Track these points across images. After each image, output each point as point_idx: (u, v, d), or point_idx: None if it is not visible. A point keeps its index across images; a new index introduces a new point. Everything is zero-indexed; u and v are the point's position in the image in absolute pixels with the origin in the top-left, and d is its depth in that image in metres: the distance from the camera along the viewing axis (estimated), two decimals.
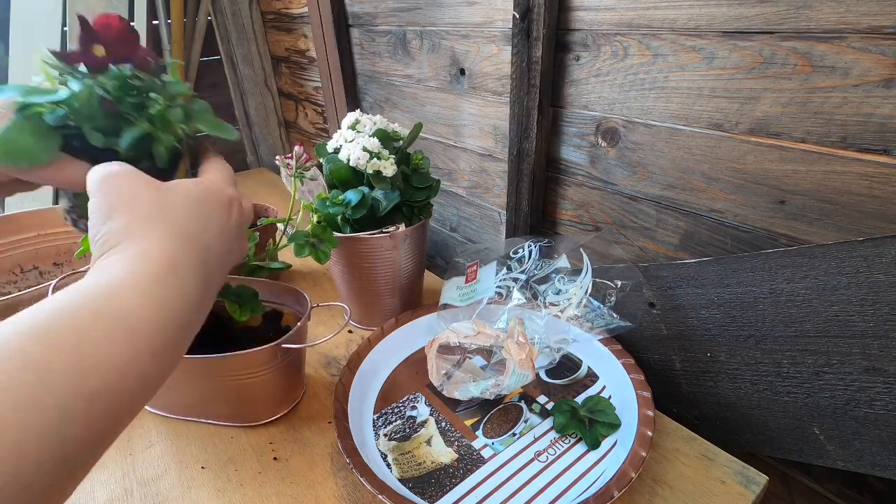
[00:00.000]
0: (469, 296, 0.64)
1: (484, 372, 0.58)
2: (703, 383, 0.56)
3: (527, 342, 0.56)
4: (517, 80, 0.65)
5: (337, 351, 0.67)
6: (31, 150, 0.30)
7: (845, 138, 0.43)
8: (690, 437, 0.52)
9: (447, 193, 0.95)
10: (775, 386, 0.50)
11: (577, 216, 0.71)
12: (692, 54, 0.51)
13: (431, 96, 0.88)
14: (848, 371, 0.45)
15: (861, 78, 0.41)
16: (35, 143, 0.30)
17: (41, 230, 0.76)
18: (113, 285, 0.25)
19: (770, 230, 0.51)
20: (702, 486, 0.47)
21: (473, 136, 0.83)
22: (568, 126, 0.66)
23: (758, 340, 0.50)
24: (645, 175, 0.60)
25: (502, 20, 0.69)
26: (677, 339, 0.57)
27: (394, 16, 0.88)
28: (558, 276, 0.62)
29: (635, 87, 0.57)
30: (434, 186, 0.65)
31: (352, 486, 0.48)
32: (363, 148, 0.60)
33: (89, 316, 0.23)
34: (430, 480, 0.47)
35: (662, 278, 0.56)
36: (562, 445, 0.51)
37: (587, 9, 0.58)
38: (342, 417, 0.50)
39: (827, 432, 0.48)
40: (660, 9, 0.52)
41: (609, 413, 0.52)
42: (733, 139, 0.50)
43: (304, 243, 0.55)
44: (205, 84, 1.37)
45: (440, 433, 0.52)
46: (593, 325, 0.59)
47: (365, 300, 0.69)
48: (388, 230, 0.61)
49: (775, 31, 0.45)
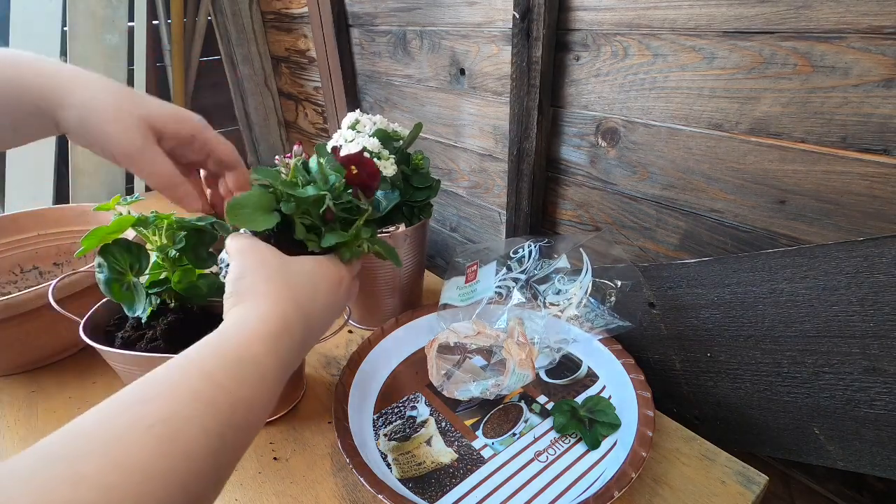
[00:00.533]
0: (469, 296, 0.64)
1: (484, 372, 0.58)
2: (703, 383, 0.56)
3: (527, 342, 0.56)
4: (517, 80, 0.65)
5: (337, 351, 0.67)
6: (254, 219, 0.36)
7: (845, 138, 0.43)
8: (690, 437, 0.52)
9: (447, 193, 0.95)
10: (775, 386, 0.50)
11: (577, 216, 0.71)
12: (692, 54, 0.51)
13: (431, 96, 0.88)
14: (848, 371, 0.45)
15: (861, 78, 0.41)
16: (259, 215, 0.37)
17: (41, 230, 0.76)
18: (245, 336, 0.30)
19: (770, 230, 0.51)
20: (702, 486, 0.47)
21: (473, 136, 0.83)
22: (568, 126, 0.66)
23: (758, 340, 0.50)
24: (645, 175, 0.60)
25: (502, 20, 0.69)
26: (677, 339, 0.57)
27: (394, 16, 0.88)
28: (558, 276, 0.62)
29: (635, 87, 0.57)
30: (434, 186, 0.65)
31: (352, 486, 0.48)
32: (363, 148, 0.60)
33: (234, 359, 0.28)
34: (430, 480, 0.47)
35: (662, 278, 0.56)
36: (562, 445, 0.51)
37: (587, 9, 0.58)
38: (342, 417, 0.50)
39: (827, 432, 0.48)
40: (660, 9, 0.52)
41: (609, 413, 0.52)
42: (733, 139, 0.50)
43: None
44: (205, 84, 1.36)
45: (440, 433, 0.52)
46: (593, 325, 0.59)
47: (365, 300, 0.69)
48: (388, 230, 0.61)
49: (775, 31, 0.45)
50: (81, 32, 1.06)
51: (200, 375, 0.27)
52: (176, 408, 0.25)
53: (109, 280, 0.43)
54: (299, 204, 0.38)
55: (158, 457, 0.22)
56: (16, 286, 0.74)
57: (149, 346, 0.48)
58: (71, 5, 1.03)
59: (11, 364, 0.63)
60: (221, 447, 0.25)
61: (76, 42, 1.05)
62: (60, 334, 0.63)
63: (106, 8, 1.07)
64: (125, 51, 1.12)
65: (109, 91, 0.36)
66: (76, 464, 0.21)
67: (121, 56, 1.12)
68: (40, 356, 0.64)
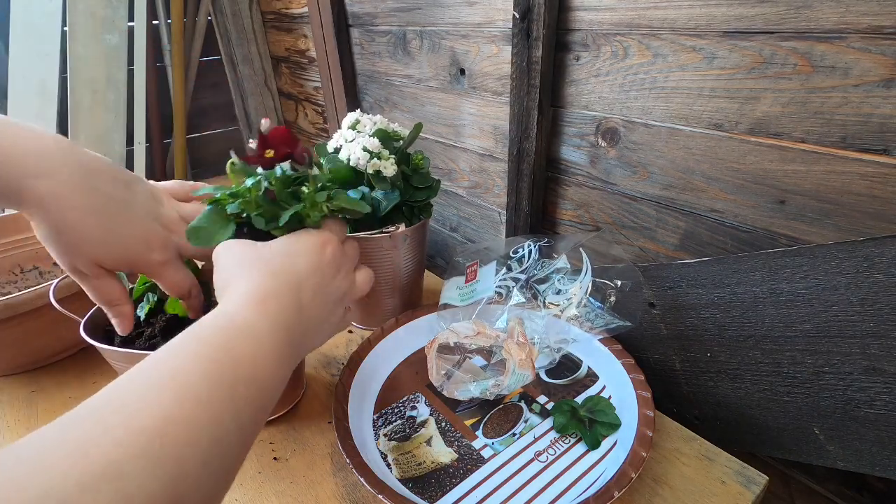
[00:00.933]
0: (469, 296, 0.64)
1: (484, 372, 0.58)
2: (703, 383, 0.56)
3: (527, 342, 0.56)
4: (517, 80, 0.65)
5: (337, 351, 0.67)
6: (213, 234, 0.38)
7: (845, 138, 0.43)
8: (690, 437, 0.52)
9: (447, 193, 0.95)
10: (775, 386, 0.50)
11: (577, 216, 0.71)
12: (692, 54, 0.51)
13: (431, 96, 0.88)
14: (848, 371, 0.45)
15: (861, 78, 0.41)
16: (217, 228, 0.39)
17: None
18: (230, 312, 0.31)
19: (770, 230, 0.51)
20: (702, 486, 0.47)
21: (473, 136, 0.83)
22: (568, 126, 0.66)
23: (758, 340, 0.50)
24: (645, 175, 0.60)
25: (502, 20, 0.69)
26: (677, 339, 0.57)
27: (394, 16, 0.88)
28: (558, 276, 0.62)
29: (635, 87, 0.57)
30: (434, 186, 0.65)
31: (352, 486, 0.48)
32: (363, 148, 0.60)
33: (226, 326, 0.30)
34: (430, 480, 0.47)
35: (662, 278, 0.56)
36: (562, 445, 0.51)
37: (587, 9, 0.58)
38: (342, 417, 0.50)
39: (827, 432, 0.48)
40: (660, 9, 0.52)
41: (609, 413, 0.52)
42: (733, 139, 0.50)
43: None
44: (205, 84, 1.37)
45: (440, 433, 0.52)
46: (593, 325, 0.59)
47: (365, 300, 0.69)
48: (388, 230, 0.61)
49: (775, 31, 0.45)
50: (81, 32, 1.06)
51: (198, 341, 0.28)
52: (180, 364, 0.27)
53: None
54: (243, 200, 0.39)
55: (175, 404, 0.24)
56: (16, 286, 0.74)
57: (147, 343, 0.48)
58: (71, 5, 1.03)
59: (11, 364, 0.63)
60: (232, 398, 0.27)
61: (76, 42, 1.05)
62: (60, 334, 0.63)
63: (106, 8, 1.07)
64: (125, 51, 1.12)
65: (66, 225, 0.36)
66: (105, 418, 0.23)
67: (121, 56, 1.12)
68: (40, 356, 0.64)
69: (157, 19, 1.23)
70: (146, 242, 0.39)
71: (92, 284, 0.40)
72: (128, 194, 0.39)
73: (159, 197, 0.42)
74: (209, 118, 1.44)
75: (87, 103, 1.10)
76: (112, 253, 0.38)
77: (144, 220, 0.39)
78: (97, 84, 1.10)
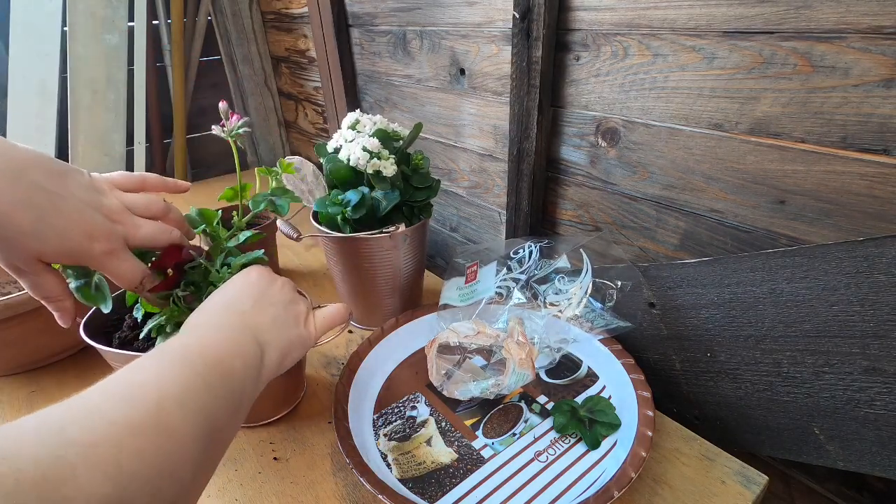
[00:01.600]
0: (469, 296, 0.64)
1: (484, 372, 0.58)
2: (703, 383, 0.56)
3: (527, 342, 0.56)
4: (517, 80, 0.65)
5: (337, 351, 0.67)
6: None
7: (845, 138, 0.43)
8: (690, 437, 0.52)
9: (447, 193, 0.95)
10: (775, 386, 0.50)
11: (577, 216, 0.71)
12: (692, 54, 0.51)
13: (431, 96, 0.88)
14: (848, 371, 0.45)
15: (861, 78, 0.41)
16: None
17: None
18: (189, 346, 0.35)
19: (770, 230, 0.51)
20: (702, 486, 0.47)
21: (473, 136, 0.83)
22: (568, 126, 0.66)
23: (758, 340, 0.50)
24: (645, 175, 0.60)
25: (502, 20, 0.69)
26: (677, 339, 0.57)
27: (394, 16, 0.88)
28: (558, 276, 0.62)
29: (635, 87, 0.57)
30: (434, 186, 0.65)
31: (352, 486, 0.48)
32: (363, 148, 0.60)
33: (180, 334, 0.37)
34: (430, 480, 0.47)
35: (662, 278, 0.56)
36: (562, 445, 0.51)
37: (587, 9, 0.58)
38: (342, 417, 0.50)
39: (827, 432, 0.48)
40: (660, 9, 0.52)
41: (609, 413, 0.52)
42: (733, 139, 0.50)
43: (262, 200, 0.53)
44: (205, 84, 1.37)
45: (440, 433, 0.52)
46: (593, 325, 0.59)
47: (365, 300, 0.69)
48: (388, 230, 0.61)
49: (775, 31, 0.45)
50: (81, 32, 1.06)
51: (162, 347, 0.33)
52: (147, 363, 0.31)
53: (79, 286, 0.43)
54: (168, 318, 0.47)
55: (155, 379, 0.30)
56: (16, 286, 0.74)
57: (145, 344, 0.48)
58: (71, 5, 1.03)
59: (11, 364, 0.63)
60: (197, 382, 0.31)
61: (76, 42, 1.06)
62: (60, 334, 0.62)
63: (106, 8, 1.07)
64: (125, 51, 1.12)
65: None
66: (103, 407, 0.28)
67: (121, 56, 1.12)
68: (40, 356, 0.64)
69: (157, 19, 1.23)
70: (86, 234, 0.38)
71: (30, 280, 0.39)
72: (61, 186, 0.37)
73: (100, 187, 0.41)
74: (209, 118, 1.43)
75: (87, 103, 1.10)
76: (49, 246, 0.37)
77: (83, 210, 0.38)
78: (97, 84, 1.10)
